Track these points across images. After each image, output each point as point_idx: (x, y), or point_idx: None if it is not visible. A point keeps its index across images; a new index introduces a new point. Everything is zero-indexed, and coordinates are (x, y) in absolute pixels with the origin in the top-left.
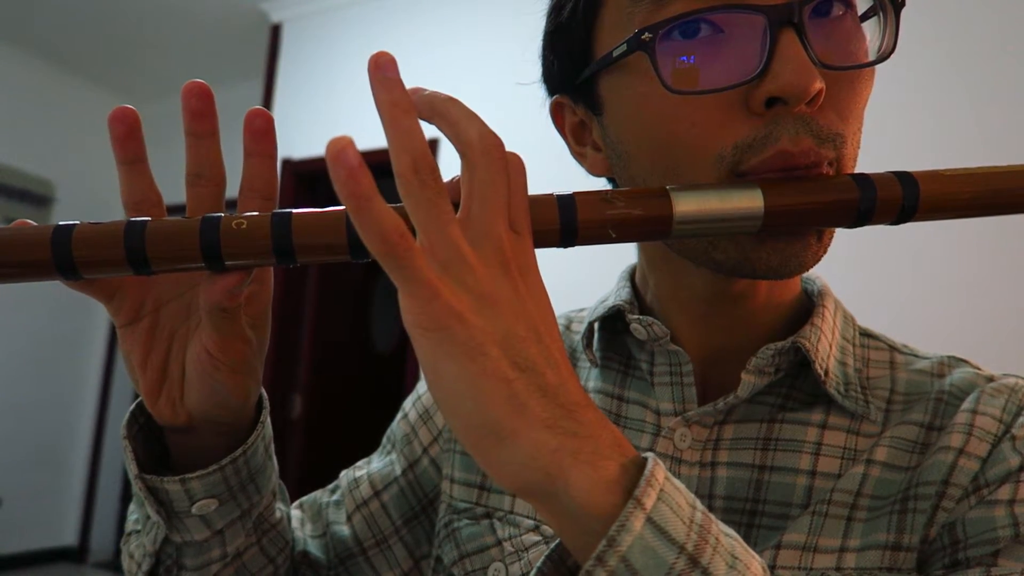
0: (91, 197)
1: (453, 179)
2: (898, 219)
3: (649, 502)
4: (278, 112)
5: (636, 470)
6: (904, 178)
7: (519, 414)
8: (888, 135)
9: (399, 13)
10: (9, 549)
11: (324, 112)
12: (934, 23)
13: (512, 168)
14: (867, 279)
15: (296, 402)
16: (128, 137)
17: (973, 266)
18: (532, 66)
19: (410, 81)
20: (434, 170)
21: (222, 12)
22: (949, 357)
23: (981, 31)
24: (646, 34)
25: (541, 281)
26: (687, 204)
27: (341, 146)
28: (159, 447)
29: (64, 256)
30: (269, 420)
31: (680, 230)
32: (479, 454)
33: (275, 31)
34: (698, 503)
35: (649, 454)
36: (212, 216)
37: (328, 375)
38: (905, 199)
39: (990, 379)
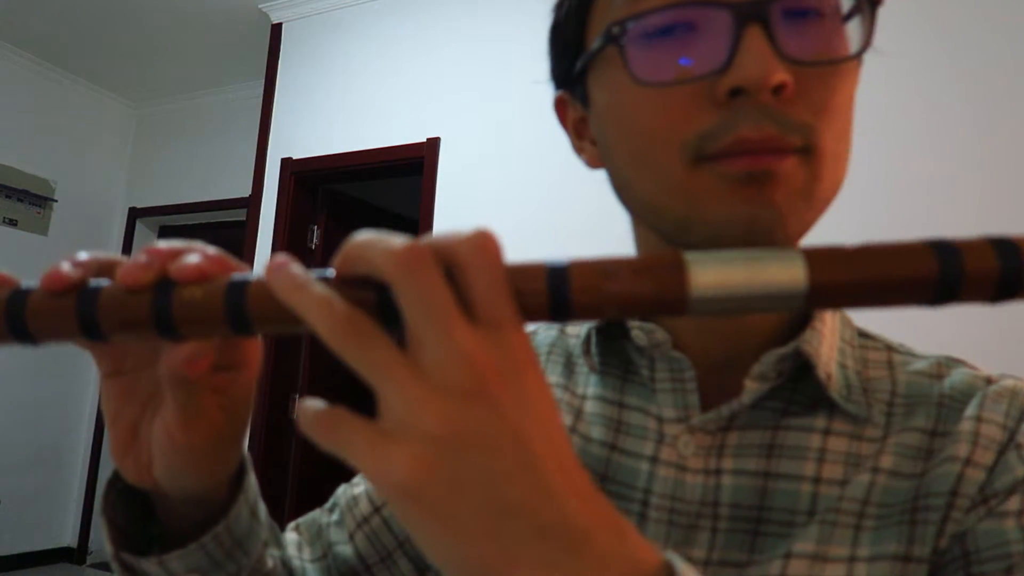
0: (91, 197)
1: None
2: (996, 296)
3: None
4: (278, 112)
5: None
6: (1001, 244)
7: (514, 566)
8: (884, 135)
9: (399, 13)
10: (8, 549)
11: (324, 112)
12: (932, 24)
13: (469, 255)
14: None
15: (296, 402)
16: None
17: None
18: (531, 66)
19: (410, 81)
20: (352, 319)
21: (222, 13)
22: (946, 358)
23: (979, 30)
24: (615, 28)
25: (536, 376)
26: (707, 277)
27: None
28: (143, 506)
29: (18, 325)
30: (254, 479)
31: (698, 308)
32: None
33: (275, 31)
34: None
35: (673, 557)
36: (166, 282)
37: (328, 375)
38: (1005, 269)
39: (988, 381)
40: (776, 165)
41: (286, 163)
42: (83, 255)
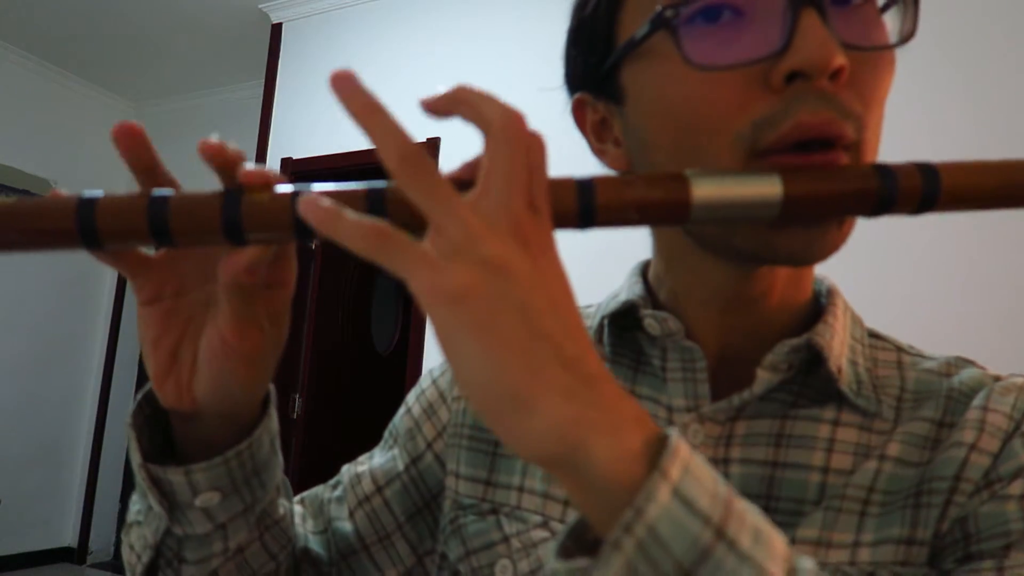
0: None
1: (474, 159)
2: (918, 209)
3: (675, 473)
4: (278, 112)
5: (659, 443)
6: (925, 169)
7: (537, 383)
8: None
9: (399, 13)
10: (8, 549)
11: (324, 112)
12: (932, 24)
13: (533, 147)
14: (864, 280)
15: (296, 402)
16: (136, 147)
17: (969, 267)
18: (532, 66)
19: (410, 81)
20: (422, 156)
21: (222, 12)
22: (955, 358)
23: (977, 25)
24: (668, 11)
25: (560, 260)
26: (705, 189)
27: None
28: (164, 439)
29: (88, 225)
30: (275, 415)
31: (698, 215)
32: (498, 425)
33: (275, 31)
34: (721, 478)
35: (672, 429)
36: (234, 189)
37: (328, 375)
38: (925, 188)
39: (997, 378)
40: (829, 165)
41: (286, 163)
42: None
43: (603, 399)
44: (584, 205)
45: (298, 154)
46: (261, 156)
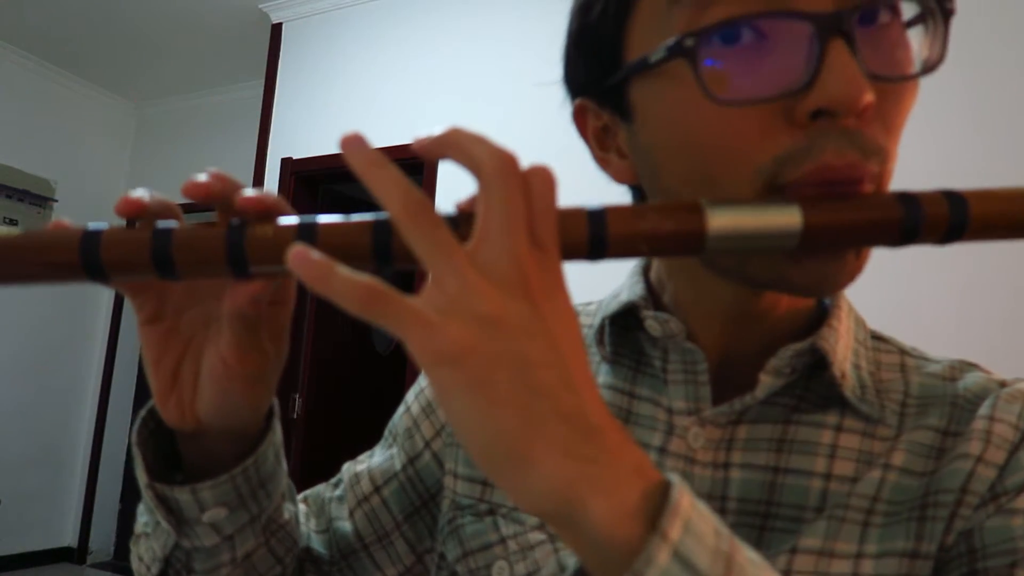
0: (91, 197)
1: (469, 198)
2: (945, 238)
3: (674, 533)
4: (278, 112)
5: (659, 497)
6: (952, 196)
7: (535, 440)
8: None
9: (399, 13)
10: (8, 549)
11: (324, 112)
12: None
13: (536, 181)
14: (864, 279)
15: (296, 402)
16: (140, 213)
17: (970, 266)
18: (532, 65)
19: (410, 81)
20: (424, 204)
21: (222, 12)
22: (959, 361)
23: (984, 41)
24: (689, 40)
25: (567, 299)
26: (721, 219)
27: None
28: (170, 451)
29: (93, 259)
30: (279, 426)
31: (714, 245)
32: (498, 481)
33: (275, 31)
34: (724, 529)
35: (674, 477)
36: (238, 223)
37: (328, 375)
38: (952, 217)
39: (1003, 384)
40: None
41: (286, 163)
42: (146, 195)
43: (603, 453)
44: (595, 236)
45: (298, 154)
46: (261, 156)
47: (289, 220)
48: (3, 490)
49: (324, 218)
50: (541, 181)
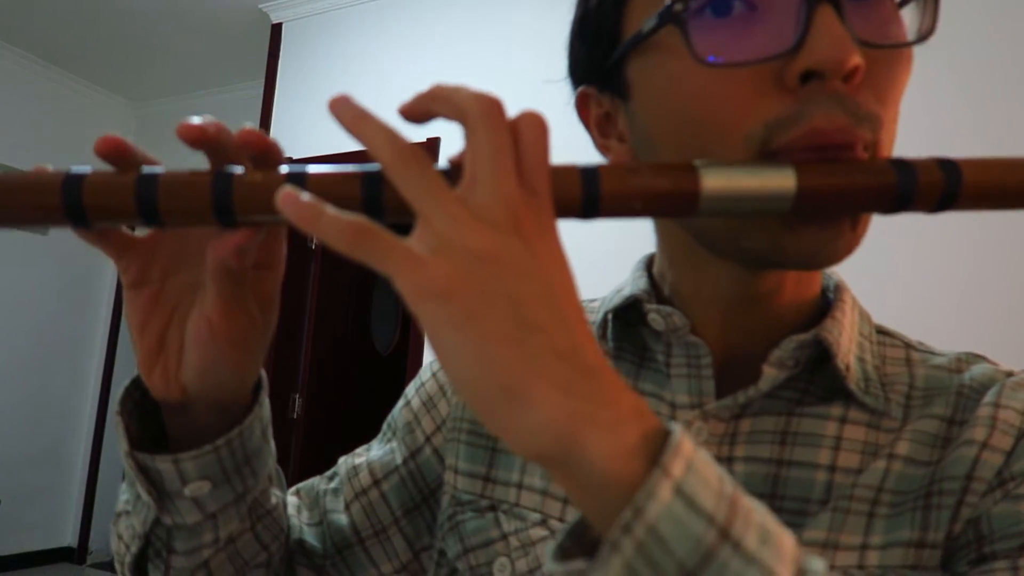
0: None
1: (461, 152)
2: (938, 206)
3: (677, 470)
4: (278, 112)
5: (660, 438)
6: (946, 164)
7: (530, 375)
8: None
9: (399, 13)
10: (8, 549)
11: (324, 112)
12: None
13: (525, 125)
14: (866, 276)
15: (296, 402)
16: (121, 154)
17: (970, 265)
18: (534, 64)
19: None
20: (413, 150)
21: (222, 12)
22: (966, 353)
23: (978, 26)
24: (678, 4)
25: (558, 242)
26: (715, 180)
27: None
28: (154, 427)
29: (74, 202)
30: (267, 403)
31: (707, 207)
32: (491, 421)
33: (275, 31)
34: (726, 475)
35: (675, 423)
36: (225, 169)
37: (328, 375)
38: (946, 185)
39: (1009, 374)
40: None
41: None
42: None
43: (601, 391)
44: (588, 193)
45: (298, 154)
46: None
47: (279, 169)
48: (3, 490)
49: (314, 168)
50: (531, 126)
